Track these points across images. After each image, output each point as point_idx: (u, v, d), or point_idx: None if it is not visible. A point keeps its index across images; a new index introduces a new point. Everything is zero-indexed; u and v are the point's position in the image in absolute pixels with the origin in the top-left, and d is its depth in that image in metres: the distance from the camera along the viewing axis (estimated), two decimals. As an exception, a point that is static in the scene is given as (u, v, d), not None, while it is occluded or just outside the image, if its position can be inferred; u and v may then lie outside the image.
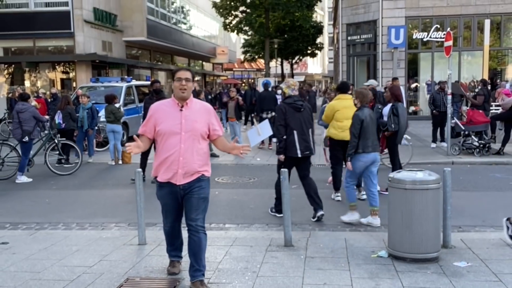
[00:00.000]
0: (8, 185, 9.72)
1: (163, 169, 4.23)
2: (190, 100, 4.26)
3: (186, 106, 4.21)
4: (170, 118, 4.19)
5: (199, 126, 4.22)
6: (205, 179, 4.31)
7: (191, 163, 4.17)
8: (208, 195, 4.37)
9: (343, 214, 6.77)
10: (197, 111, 4.28)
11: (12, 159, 10.43)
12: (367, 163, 6.62)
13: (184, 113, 4.19)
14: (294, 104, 6.73)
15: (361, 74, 23.44)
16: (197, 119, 4.22)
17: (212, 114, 4.40)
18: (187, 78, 4.18)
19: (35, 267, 4.99)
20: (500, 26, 21.63)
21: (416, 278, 4.51)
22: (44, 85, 23.52)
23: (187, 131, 4.15)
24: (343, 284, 4.42)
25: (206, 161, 4.35)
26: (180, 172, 4.15)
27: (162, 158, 4.23)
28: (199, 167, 4.24)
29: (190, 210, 4.26)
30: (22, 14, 22.32)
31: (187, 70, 4.30)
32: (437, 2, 21.23)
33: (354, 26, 23.63)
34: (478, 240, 5.58)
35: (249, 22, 30.05)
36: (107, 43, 24.73)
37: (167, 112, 4.25)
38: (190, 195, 4.23)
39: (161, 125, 4.20)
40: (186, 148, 4.15)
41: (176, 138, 4.14)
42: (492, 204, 7.67)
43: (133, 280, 4.62)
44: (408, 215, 4.83)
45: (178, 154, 4.13)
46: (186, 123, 4.16)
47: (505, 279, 4.46)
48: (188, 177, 4.19)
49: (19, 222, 6.96)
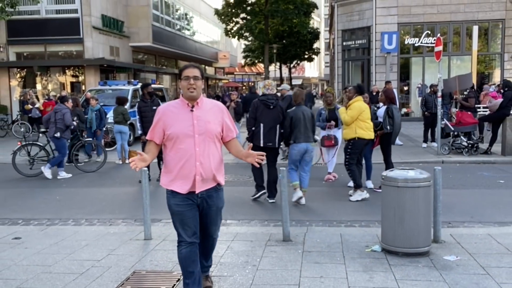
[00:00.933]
0: (20, 183, 9.73)
1: (179, 179, 3.61)
2: (200, 100, 3.69)
3: (197, 106, 3.65)
4: (181, 120, 3.60)
5: (213, 127, 3.66)
6: (221, 188, 3.83)
7: (208, 168, 3.62)
8: (224, 204, 3.92)
9: (340, 212, 6.76)
10: (209, 111, 3.71)
11: (41, 158, 10.68)
12: (300, 151, 7.44)
13: (196, 113, 3.61)
14: (265, 101, 7.59)
15: (356, 78, 23.45)
16: (210, 119, 3.66)
17: (225, 113, 3.82)
18: (195, 76, 3.61)
19: (46, 261, 4.99)
20: (488, 32, 21.66)
21: (408, 271, 4.51)
22: (55, 88, 23.51)
23: (201, 133, 3.59)
24: (338, 277, 4.42)
25: (221, 165, 3.82)
26: (198, 179, 3.58)
27: (176, 166, 3.61)
28: (216, 172, 3.70)
29: (210, 223, 3.84)
30: (34, 20, 22.32)
31: (195, 67, 3.68)
32: (427, 9, 21.25)
33: (349, 32, 23.64)
34: (467, 235, 5.58)
35: (249, 28, 30.05)
36: (115, 48, 24.73)
37: (176, 114, 3.65)
38: (208, 207, 3.73)
39: (171, 129, 3.60)
40: (202, 152, 3.59)
41: (189, 142, 3.57)
42: (480, 201, 7.68)
43: (139, 273, 4.62)
44: (400, 211, 4.83)
45: (194, 159, 3.56)
46: (199, 124, 3.59)
47: (492, 272, 4.46)
48: (206, 183, 3.66)
49: (31, 218, 6.97)
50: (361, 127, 7.69)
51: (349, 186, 8.48)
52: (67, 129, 10.28)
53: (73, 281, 4.45)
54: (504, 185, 8.82)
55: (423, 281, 4.27)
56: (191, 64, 3.73)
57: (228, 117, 3.84)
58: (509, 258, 4.81)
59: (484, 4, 20.96)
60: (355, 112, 7.68)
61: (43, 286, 4.35)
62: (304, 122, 7.43)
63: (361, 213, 6.95)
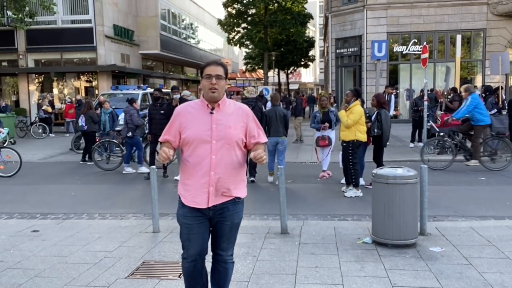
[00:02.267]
0: (38, 180, 9.74)
1: (192, 188, 3.01)
2: (222, 101, 3.03)
3: (217, 108, 3.01)
4: (199, 123, 2.99)
5: (234, 133, 2.99)
6: (240, 201, 3.12)
7: (224, 179, 2.98)
8: (242, 218, 3.21)
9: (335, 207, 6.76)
10: (232, 114, 3.04)
11: (117, 154, 11.22)
12: (272, 142, 8.57)
13: (216, 116, 2.98)
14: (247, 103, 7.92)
15: (348, 83, 23.46)
16: (231, 124, 3.00)
17: (250, 117, 3.12)
18: (218, 75, 2.96)
19: (62, 252, 5.00)
20: (470, 40, 21.67)
21: (397, 262, 4.51)
22: (70, 92, 23.53)
23: (219, 139, 2.95)
24: (332, 267, 4.42)
25: (242, 176, 3.15)
26: (211, 191, 2.96)
27: (190, 174, 3.01)
28: (234, 184, 3.03)
29: (221, 239, 3.12)
30: (51, 30, 22.32)
31: (218, 65, 3.02)
32: (414, 20, 21.27)
33: (342, 40, 23.64)
34: (451, 228, 5.59)
35: (250, 37, 30.00)
36: (125, 56, 24.73)
37: (194, 115, 3.03)
38: (222, 221, 3.06)
39: (187, 131, 2.99)
40: (219, 160, 2.94)
41: (205, 148, 2.94)
42: (463, 197, 7.68)
43: (149, 263, 4.62)
44: (389, 206, 4.83)
45: (208, 168, 2.94)
46: (218, 128, 2.96)
47: (474, 262, 4.46)
48: (221, 197, 3.00)
49: (48, 212, 6.97)
50: (360, 130, 7.69)
51: (342, 183, 8.49)
52: (137, 128, 10.36)
53: (87, 270, 4.45)
54: (485, 182, 8.82)
55: (410, 271, 4.28)
56: (214, 61, 3.06)
57: (254, 121, 3.15)
58: (490, 249, 4.82)
59: (466, 15, 20.98)
60: (357, 116, 7.66)
61: (60, 275, 4.35)
62: (276, 120, 8.58)
63: (353, 208, 6.96)
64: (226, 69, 3.03)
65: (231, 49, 46.67)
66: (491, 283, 3.97)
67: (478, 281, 4.03)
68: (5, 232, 5.80)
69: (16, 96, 23.65)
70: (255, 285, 4.04)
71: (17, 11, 18.71)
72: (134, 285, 4.09)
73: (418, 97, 14.32)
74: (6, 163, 10.25)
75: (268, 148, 8.60)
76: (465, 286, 3.93)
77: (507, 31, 20.93)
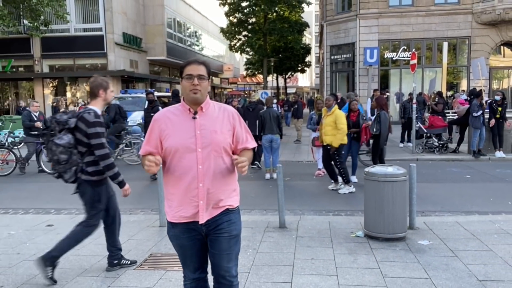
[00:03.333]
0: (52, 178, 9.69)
1: (179, 204, 2.51)
2: (206, 104, 2.54)
3: (200, 112, 2.51)
4: (181, 130, 2.49)
5: (221, 138, 2.50)
6: (235, 211, 2.61)
7: (215, 190, 2.50)
8: (241, 231, 2.66)
9: (330, 203, 6.75)
10: (217, 118, 2.55)
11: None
12: (267, 139, 9.05)
13: (199, 121, 2.49)
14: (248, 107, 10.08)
15: (342, 87, 23.44)
16: (217, 128, 2.51)
17: (237, 119, 2.62)
18: (200, 75, 2.46)
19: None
20: (456, 47, 21.66)
21: (387, 254, 4.51)
22: (82, 96, 23.51)
23: (205, 146, 2.46)
24: (327, 258, 4.42)
25: (234, 184, 2.63)
26: (202, 206, 2.48)
27: (175, 189, 2.52)
28: (225, 194, 2.56)
29: (220, 256, 2.56)
30: (64, 38, 22.33)
31: (200, 64, 2.49)
32: (404, 28, 21.27)
33: (336, 47, 23.62)
34: (438, 223, 5.59)
35: (250, 44, 29.99)
36: (134, 62, 24.72)
37: (175, 122, 2.51)
38: (217, 234, 2.55)
39: (168, 140, 2.48)
40: (206, 170, 2.46)
41: (190, 158, 2.45)
42: (449, 193, 7.68)
43: (156, 255, 4.62)
44: (380, 202, 4.83)
45: (196, 180, 2.45)
46: (203, 134, 2.47)
47: (459, 254, 4.47)
48: (212, 209, 2.53)
49: (62, 208, 6.97)
50: (343, 133, 7.50)
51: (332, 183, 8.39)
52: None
53: (98, 262, 4.45)
54: (470, 180, 8.82)
55: (400, 262, 4.28)
56: (195, 60, 2.52)
57: (241, 123, 2.64)
58: (474, 242, 4.82)
59: (452, 23, 20.98)
60: (344, 118, 7.56)
61: (72, 266, 4.35)
62: (270, 120, 9.06)
63: (347, 204, 6.96)
64: (208, 68, 2.54)
65: (233, 55, 46.63)
66: (475, 274, 3.97)
67: (463, 272, 4.03)
68: (21, 227, 5.81)
69: (31, 99, 23.67)
70: (255, 276, 4.04)
71: (33, 20, 18.75)
72: (142, 276, 4.09)
73: (406, 100, 14.33)
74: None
75: (264, 145, 9.12)
76: (451, 277, 3.92)
77: (490, 39, 20.93)
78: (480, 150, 11.24)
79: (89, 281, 3.98)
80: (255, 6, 27.47)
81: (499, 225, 5.44)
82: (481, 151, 11.26)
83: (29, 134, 10.09)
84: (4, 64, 22.05)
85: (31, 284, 3.94)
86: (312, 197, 7.51)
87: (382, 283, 3.81)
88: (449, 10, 20.92)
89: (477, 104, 11.02)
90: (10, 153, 10.18)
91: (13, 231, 5.62)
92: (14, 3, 18.52)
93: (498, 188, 7.93)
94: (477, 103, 11.03)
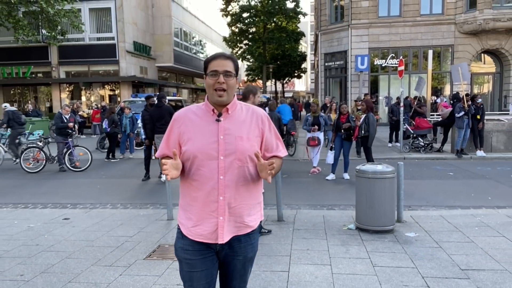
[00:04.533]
0: (69, 175, 9.73)
1: (197, 219, 2.03)
2: (232, 105, 2.04)
3: (226, 114, 2.03)
4: (202, 134, 2.01)
5: (247, 145, 2.00)
6: (254, 231, 2.12)
7: (237, 205, 2.01)
8: (257, 249, 2.20)
9: (324, 198, 6.75)
10: (244, 122, 2.05)
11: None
12: None
13: (224, 125, 2.00)
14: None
15: (335, 91, 23.45)
16: (243, 133, 2.01)
17: (267, 124, 2.10)
18: (227, 71, 1.97)
19: (89, 237, 5.00)
20: (440, 55, 21.66)
21: (377, 245, 4.51)
22: (96, 100, 23.49)
23: (229, 154, 1.97)
24: (321, 249, 4.42)
25: (259, 198, 2.13)
26: (221, 223, 1.99)
27: (192, 199, 2.05)
28: (249, 210, 2.05)
29: (232, 277, 2.15)
30: (79, 46, 22.33)
31: (227, 58, 2.00)
32: (392, 37, 21.27)
33: (330, 55, 23.61)
34: (423, 216, 5.59)
35: (250, 52, 30.01)
36: (144, 68, 24.71)
37: (196, 124, 2.04)
38: (233, 256, 2.09)
39: (187, 144, 2.01)
40: (228, 181, 1.98)
41: (211, 166, 1.97)
42: (434, 189, 7.68)
43: (163, 247, 4.62)
44: (370, 197, 4.84)
45: (216, 192, 1.97)
46: (227, 140, 1.98)
47: (443, 245, 4.47)
48: (234, 227, 2.03)
49: (77, 203, 6.98)
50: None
51: (327, 179, 8.44)
52: None
53: (111, 253, 4.45)
54: (453, 177, 8.82)
55: (388, 253, 4.28)
56: (222, 54, 2.02)
57: (271, 129, 2.12)
58: (457, 235, 4.82)
59: (437, 33, 20.99)
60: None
61: (87, 257, 4.35)
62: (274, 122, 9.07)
63: (340, 199, 6.96)
64: (236, 64, 2.01)
65: (235, 62, 46.57)
66: (458, 263, 3.97)
67: (447, 261, 4.03)
68: (40, 220, 5.81)
69: (49, 103, 23.66)
70: (255, 265, 4.02)
71: (50, 30, 18.79)
72: (151, 265, 4.09)
73: (394, 103, 14.32)
74: (79, 160, 10.44)
75: None
76: (435, 266, 3.92)
77: (472, 47, 20.93)
78: (462, 150, 11.24)
79: (102, 270, 3.98)
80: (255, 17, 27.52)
81: (479, 218, 5.44)
82: (463, 150, 11.26)
83: (60, 134, 10.31)
84: (24, 70, 22.08)
85: (48, 273, 3.94)
86: (308, 193, 7.50)
87: (372, 272, 3.81)
88: (433, 20, 20.92)
89: (460, 106, 11.06)
90: (41, 152, 10.35)
91: (33, 224, 5.62)
92: (34, 14, 18.54)
93: (479, 185, 7.92)
94: (460, 105, 11.07)
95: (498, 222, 5.27)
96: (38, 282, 3.73)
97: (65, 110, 10.55)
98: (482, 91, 22.37)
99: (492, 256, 4.14)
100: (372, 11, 21.29)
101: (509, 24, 19.63)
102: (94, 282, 3.71)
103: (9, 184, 8.73)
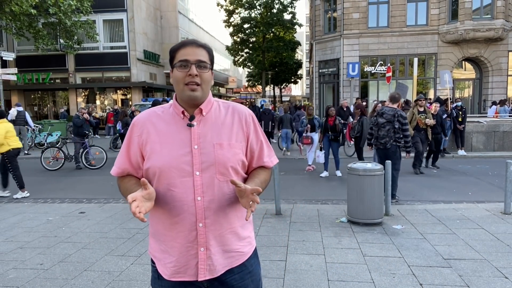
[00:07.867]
0: (85, 173, 9.73)
1: (171, 250, 1.40)
2: (207, 104, 1.42)
3: (200, 116, 1.41)
4: (170, 143, 1.37)
5: (229, 154, 1.38)
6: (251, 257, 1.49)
7: (223, 231, 1.39)
8: (260, 275, 1.54)
9: (318, 193, 6.74)
10: (223, 124, 1.42)
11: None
12: (284, 131, 11.49)
13: (197, 130, 1.38)
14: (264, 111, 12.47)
15: (328, 96, 23.47)
16: (222, 140, 1.39)
17: (251, 125, 1.47)
18: (200, 61, 1.36)
19: (103, 229, 5.00)
20: (425, 62, 21.64)
21: (367, 236, 4.51)
22: (109, 103, 23.51)
23: (206, 168, 1.35)
24: (316, 240, 4.42)
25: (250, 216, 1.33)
26: (201, 256, 1.37)
27: (164, 226, 1.41)
28: (237, 234, 1.44)
29: None
30: (94, 54, 22.33)
31: (199, 46, 1.39)
32: (381, 46, 21.28)
33: (323, 62, 23.61)
34: (409, 210, 5.59)
35: (251, 59, 30.00)
36: (153, 74, 24.71)
37: (162, 130, 1.40)
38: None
39: (152, 158, 1.37)
40: (208, 203, 1.36)
41: (184, 185, 1.35)
42: (419, 185, 7.68)
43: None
44: (361, 192, 4.84)
45: (193, 218, 1.35)
46: (203, 150, 1.36)
47: (428, 237, 4.46)
48: (224, 261, 1.41)
49: (92, 198, 6.98)
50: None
51: (321, 176, 8.45)
52: None
53: (123, 243, 4.45)
54: (437, 174, 8.82)
55: (377, 244, 4.28)
56: (193, 41, 1.41)
57: (257, 130, 1.50)
58: (440, 227, 4.81)
59: (422, 42, 21.00)
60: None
61: (101, 247, 4.35)
62: (286, 120, 11.41)
63: (333, 194, 6.95)
64: (211, 54, 1.43)
65: (236, 69, 46.65)
66: (441, 253, 3.97)
67: (431, 252, 4.02)
68: (58, 213, 5.80)
69: (66, 106, 23.65)
70: (255, 255, 4.03)
71: (67, 39, 18.82)
72: (160, 255, 4.07)
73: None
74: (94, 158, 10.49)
75: (282, 136, 11.59)
76: (420, 256, 3.92)
77: (454, 55, 20.94)
78: (445, 149, 11.23)
79: (115, 259, 3.98)
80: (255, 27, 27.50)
81: (461, 212, 5.44)
82: (445, 149, 11.25)
83: (77, 134, 10.33)
84: (44, 77, 22.07)
85: (66, 262, 3.94)
86: (303, 189, 7.50)
87: (362, 261, 3.81)
88: (419, 30, 20.93)
89: (442, 109, 11.05)
90: (60, 152, 10.40)
91: (51, 217, 5.62)
92: (52, 26, 18.56)
93: (460, 181, 7.92)
94: (443, 109, 11.06)
95: (478, 215, 5.26)
96: (56, 271, 3.73)
97: (81, 112, 10.72)
98: (463, 96, 22.38)
99: (472, 247, 4.13)
100: (362, 22, 21.31)
101: (488, 34, 19.65)
102: (108, 271, 3.70)
103: (30, 181, 8.73)
